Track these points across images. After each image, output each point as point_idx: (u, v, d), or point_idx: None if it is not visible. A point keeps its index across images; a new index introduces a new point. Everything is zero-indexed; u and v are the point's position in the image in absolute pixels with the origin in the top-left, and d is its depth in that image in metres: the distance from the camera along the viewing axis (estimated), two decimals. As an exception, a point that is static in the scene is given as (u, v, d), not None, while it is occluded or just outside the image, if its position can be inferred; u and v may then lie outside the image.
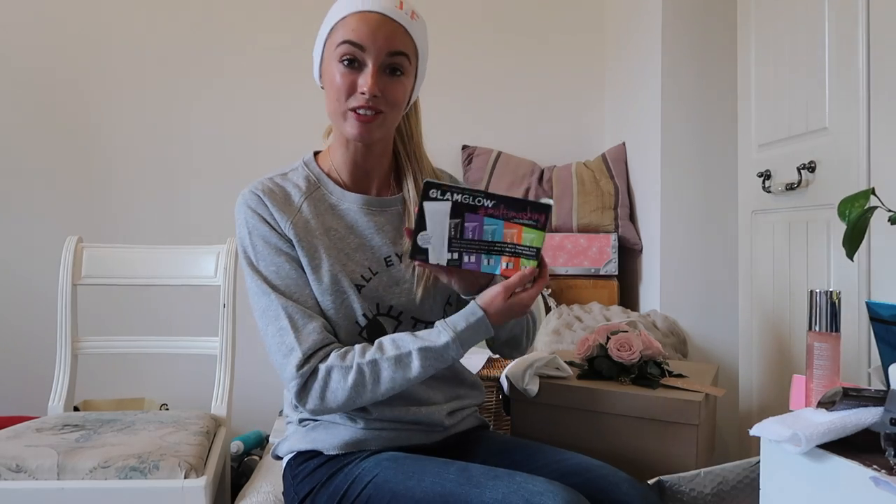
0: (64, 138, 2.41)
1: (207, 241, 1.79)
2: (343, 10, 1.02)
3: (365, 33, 1.00)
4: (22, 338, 2.35)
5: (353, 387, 0.97)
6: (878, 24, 1.35)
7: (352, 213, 1.09)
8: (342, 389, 0.97)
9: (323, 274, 1.04)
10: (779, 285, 1.72)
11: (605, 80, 2.62)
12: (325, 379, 0.98)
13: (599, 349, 1.39)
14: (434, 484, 0.92)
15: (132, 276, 1.71)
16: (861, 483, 0.73)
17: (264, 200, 1.05)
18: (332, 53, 1.02)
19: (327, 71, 1.04)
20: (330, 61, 1.03)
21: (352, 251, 1.07)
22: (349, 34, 1.00)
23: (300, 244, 1.04)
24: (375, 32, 1.00)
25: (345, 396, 0.98)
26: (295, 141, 2.47)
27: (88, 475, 1.24)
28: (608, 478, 0.98)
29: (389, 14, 1.01)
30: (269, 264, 1.03)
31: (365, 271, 1.07)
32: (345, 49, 1.01)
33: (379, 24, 1.01)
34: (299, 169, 1.12)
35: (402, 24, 1.02)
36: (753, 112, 1.86)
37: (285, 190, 1.08)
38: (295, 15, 2.49)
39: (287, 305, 1.01)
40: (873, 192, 1.09)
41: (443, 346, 0.97)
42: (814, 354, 0.92)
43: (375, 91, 1.00)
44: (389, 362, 0.97)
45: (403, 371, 0.97)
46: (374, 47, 1.00)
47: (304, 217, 1.06)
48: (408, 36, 1.03)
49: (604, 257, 2.22)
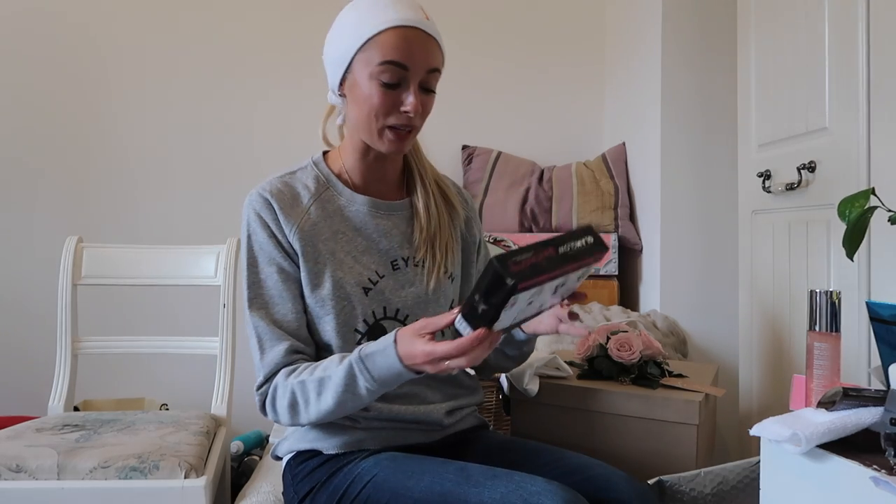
0: (64, 138, 2.41)
1: (207, 241, 1.79)
2: (377, 24, 0.99)
3: (406, 52, 0.98)
4: (22, 338, 2.35)
5: (290, 406, 0.99)
6: (878, 24, 1.35)
7: (360, 216, 1.09)
8: (282, 408, 1.00)
9: (325, 279, 1.04)
10: (779, 285, 1.72)
11: (605, 80, 2.62)
12: (273, 397, 1.01)
13: (599, 349, 1.39)
14: (433, 483, 0.92)
15: (132, 276, 1.71)
16: (861, 483, 0.73)
17: (272, 203, 1.05)
18: (369, 70, 0.99)
19: (358, 86, 1.01)
20: (364, 78, 1.00)
21: (359, 254, 1.07)
22: (391, 54, 0.98)
23: (304, 249, 1.04)
24: (416, 50, 0.99)
25: (287, 416, 1.00)
26: (295, 140, 2.47)
27: (88, 475, 1.24)
28: (606, 477, 0.98)
29: (423, 27, 0.99)
30: (257, 272, 1.04)
31: (372, 274, 1.07)
32: (388, 73, 0.98)
33: (418, 41, 0.99)
34: (308, 168, 1.12)
35: (434, 37, 1.01)
36: (753, 112, 1.86)
37: (294, 190, 1.08)
38: (295, 15, 2.49)
39: (258, 325, 1.03)
40: (873, 192, 1.09)
41: (351, 383, 0.95)
42: (814, 354, 0.92)
43: (419, 110, 1.00)
44: (314, 384, 0.97)
45: (323, 394, 0.96)
46: (415, 66, 0.99)
47: (311, 219, 1.06)
48: (439, 48, 1.03)
49: (604, 257, 2.22)
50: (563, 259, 0.83)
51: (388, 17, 0.98)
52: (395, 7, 0.99)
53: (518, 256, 0.79)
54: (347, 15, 1.04)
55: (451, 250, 1.14)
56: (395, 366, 0.90)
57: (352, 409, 0.99)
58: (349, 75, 1.03)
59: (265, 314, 1.03)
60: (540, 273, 0.80)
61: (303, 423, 1.00)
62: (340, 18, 1.05)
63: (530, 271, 0.79)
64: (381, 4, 1.00)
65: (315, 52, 2.88)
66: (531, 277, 0.79)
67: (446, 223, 1.14)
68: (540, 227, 2.31)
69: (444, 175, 1.22)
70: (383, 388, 0.94)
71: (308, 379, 0.97)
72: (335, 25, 1.06)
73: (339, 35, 1.04)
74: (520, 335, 1.12)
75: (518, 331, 1.11)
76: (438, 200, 1.15)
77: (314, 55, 2.72)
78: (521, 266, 0.79)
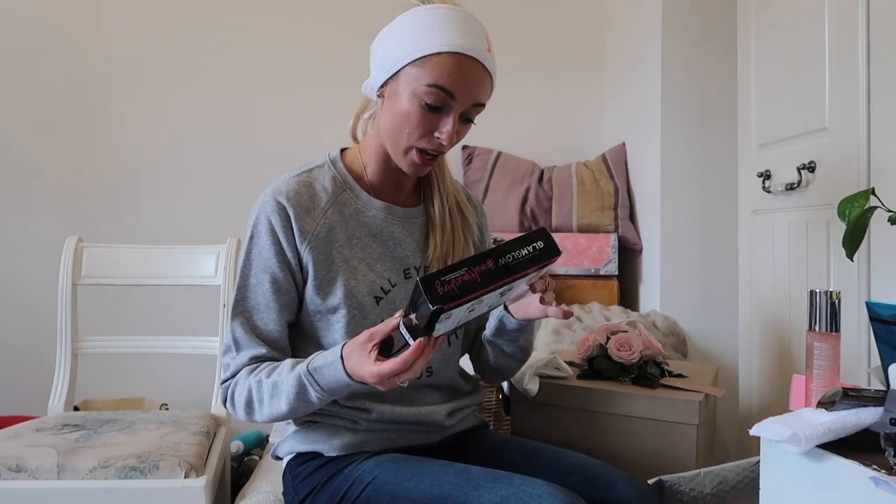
0: (64, 138, 2.41)
1: (207, 241, 1.79)
2: (439, 43, 0.94)
3: (458, 82, 0.95)
4: (22, 338, 2.35)
5: (246, 405, 1.00)
6: (878, 24, 1.35)
7: (377, 222, 1.08)
8: (240, 405, 1.01)
9: (337, 287, 1.03)
10: (779, 285, 1.72)
11: (605, 80, 2.62)
12: (233, 393, 1.02)
13: (599, 349, 1.39)
14: (433, 486, 0.92)
15: (132, 276, 1.71)
16: (861, 483, 0.73)
17: (287, 209, 1.02)
18: (415, 87, 0.96)
19: (399, 97, 0.98)
20: (407, 92, 0.97)
21: (373, 261, 1.06)
22: (443, 79, 0.95)
23: (316, 258, 1.03)
24: (468, 82, 0.96)
25: (243, 413, 1.01)
26: (297, 141, 2.48)
27: (88, 475, 1.24)
28: (605, 476, 0.98)
29: (482, 60, 0.96)
30: (248, 277, 1.04)
31: (384, 283, 1.06)
32: (435, 95, 0.95)
33: (473, 73, 0.96)
34: (325, 167, 1.09)
35: (489, 71, 0.98)
36: (753, 112, 1.86)
37: (312, 190, 1.05)
38: (295, 14, 2.49)
39: (236, 331, 1.02)
40: (873, 192, 1.09)
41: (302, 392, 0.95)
42: (814, 354, 0.92)
43: (454, 140, 0.99)
44: (268, 386, 0.97)
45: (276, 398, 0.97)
46: (463, 97, 0.97)
47: (328, 224, 1.04)
48: (491, 83, 1.00)
49: (604, 257, 2.22)
50: (502, 271, 0.81)
51: (452, 40, 0.94)
52: (462, 32, 0.95)
53: (447, 275, 0.78)
54: (411, 21, 0.98)
55: None
56: (343, 380, 0.91)
57: (308, 412, 1.00)
58: (393, 82, 0.99)
59: (245, 321, 1.02)
60: (471, 291, 0.78)
61: (258, 421, 1.01)
62: (403, 19, 0.99)
63: (459, 291, 0.77)
64: (450, 23, 0.95)
65: (318, 53, 2.89)
66: (459, 298, 0.77)
67: (461, 238, 1.13)
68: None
69: (458, 182, 1.20)
70: (336, 396, 0.96)
71: (264, 381, 0.98)
72: (395, 24, 1.00)
73: (394, 37, 0.98)
74: (511, 323, 1.09)
75: (508, 318, 1.09)
76: (455, 214, 1.13)
77: (317, 56, 2.73)
78: (449, 286, 0.77)
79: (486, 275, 0.80)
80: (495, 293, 0.83)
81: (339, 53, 2.44)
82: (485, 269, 0.80)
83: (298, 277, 1.04)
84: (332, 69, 2.45)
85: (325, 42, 2.47)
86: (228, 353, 1.03)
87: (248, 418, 1.02)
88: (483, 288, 0.79)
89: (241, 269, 1.04)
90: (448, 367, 1.13)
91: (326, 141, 1.22)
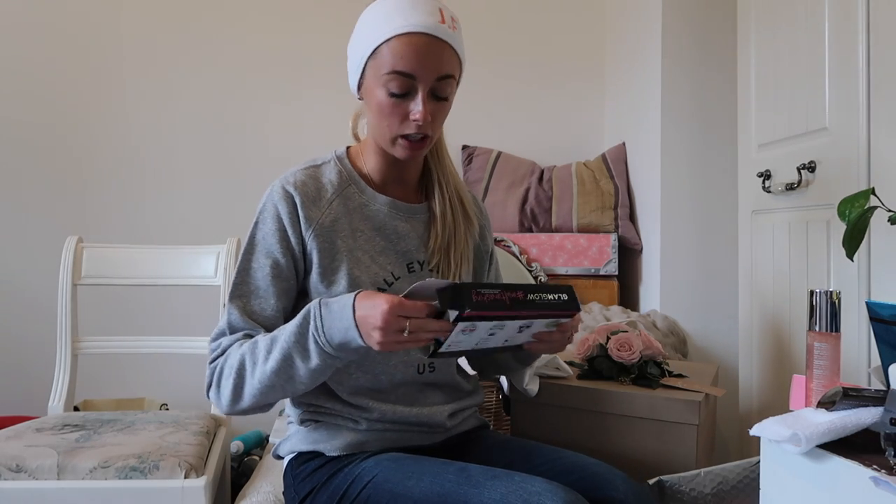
0: (64, 138, 2.41)
1: (207, 241, 1.79)
2: (387, 31, 0.97)
3: (414, 61, 0.96)
4: (22, 338, 2.35)
5: (237, 374, 0.97)
6: (878, 24, 1.35)
7: (380, 216, 1.09)
8: (228, 377, 0.97)
9: (341, 276, 1.03)
10: (779, 285, 1.72)
11: (605, 80, 2.62)
12: (221, 368, 0.99)
13: (599, 349, 1.39)
14: (433, 484, 0.92)
15: (132, 276, 1.71)
16: (861, 483, 0.73)
17: (294, 197, 1.03)
18: (378, 78, 0.99)
19: (371, 92, 1.01)
20: (375, 85, 1.00)
21: (376, 254, 1.07)
22: (397, 63, 0.96)
23: (321, 246, 1.03)
24: (424, 59, 0.96)
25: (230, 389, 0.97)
26: (295, 139, 2.48)
27: (88, 475, 1.24)
28: (604, 475, 0.98)
29: (436, 34, 0.97)
30: (250, 261, 1.04)
31: (388, 275, 1.07)
32: (395, 82, 0.97)
33: (427, 49, 0.97)
34: (332, 163, 1.11)
35: (448, 42, 0.99)
36: (753, 112, 1.86)
37: (319, 182, 1.07)
38: (295, 13, 2.49)
39: (232, 314, 1.01)
40: (873, 192, 1.09)
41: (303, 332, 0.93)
42: (814, 354, 0.92)
43: (428, 119, 0.99)
44: (266, 339, 0.96)
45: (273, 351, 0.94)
46: (423, 75, 0.97)
47: (333, 215, 1.05)
48: (454, 54, 1.01)
49: (604, 257, 2.22)
50: (528, 304, 0.90)
51: (397, 24, 0.96)
52: (407, 13, 0.97)
53: (484, 289, 0.86)
54: (364, 18, 1.02)
55: (465, 260, 1.14)
56: (347, 316, 0.89)
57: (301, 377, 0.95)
58: (364, 80, 1.03)
59: (242, 305, 1.02)
60: (499, 309, 0.86)
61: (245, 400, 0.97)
62: (359, 21, 1.03)
63: (489, 304, 0.85)
64: (394, 9, 0.98)
65: (321, 51, 2.89)
66: (488, 309, 0.85)
67: (462, 233, 1.14)
68: (540, 227, 2.31)
69: (463, 183, 1.21)
70: (332, 347, 0.92)
71: (261, 340, 0.97)
72: (355, 28, 1.04)
73: (355, 39, 1.03)
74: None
75: None
76: (456, 210, 1.14)
77: (319, 55, 2.73)
78: (483, 297, 0.85)
79: (515, 301, 0.88)
80: (515, 325, 0.91)
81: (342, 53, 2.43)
82: (515, 296, 0.89)
83: (300, 266, 1.04)
84: (336, 69, 2.44)
85: (329, 42, 2.46)
86: (222, 336, 1.02)
87: (233, 396, 0.97)
88: (509, 310, 0.87)
89: (244, 253, 1.05)
90: (449, 362, 1.14)
91: (329, 141, 1.23)
